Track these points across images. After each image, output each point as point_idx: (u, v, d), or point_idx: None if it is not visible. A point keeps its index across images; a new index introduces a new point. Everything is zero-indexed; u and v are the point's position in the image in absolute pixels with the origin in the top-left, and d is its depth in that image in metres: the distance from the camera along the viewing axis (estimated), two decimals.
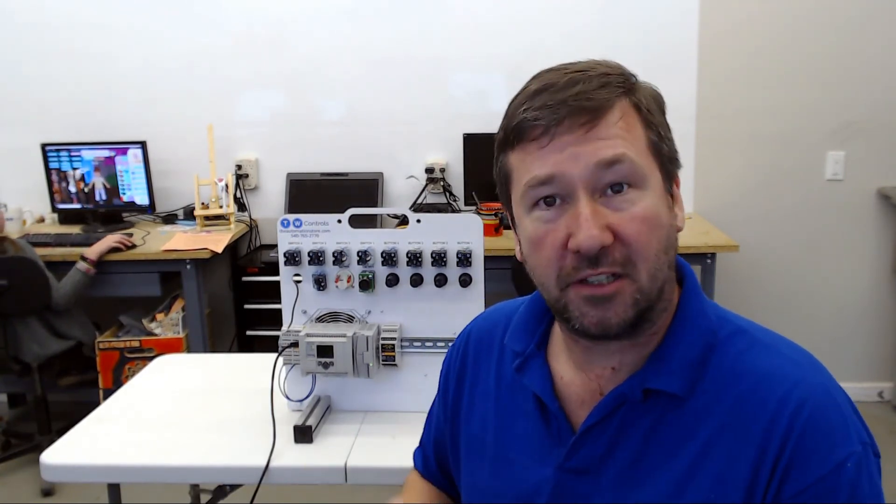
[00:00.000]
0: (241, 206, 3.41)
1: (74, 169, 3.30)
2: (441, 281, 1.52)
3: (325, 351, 1.49)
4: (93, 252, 2.88)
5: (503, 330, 0.90)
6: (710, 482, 0.71)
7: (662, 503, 0.73)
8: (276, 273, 1.58)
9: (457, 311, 1.53)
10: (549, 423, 0.81)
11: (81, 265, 2.86)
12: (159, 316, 3.16)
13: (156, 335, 3.11)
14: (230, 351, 3.46)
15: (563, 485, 0.78)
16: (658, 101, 0.75)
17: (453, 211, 3.26)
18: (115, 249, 2.92)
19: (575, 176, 0.69)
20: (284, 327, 1.56)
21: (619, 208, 0.69)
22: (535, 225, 0.73)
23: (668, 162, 0.74)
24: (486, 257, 1.53)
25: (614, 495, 0.76)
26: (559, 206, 0.71)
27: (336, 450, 1.45)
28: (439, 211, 3.22)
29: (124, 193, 3.32)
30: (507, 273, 2.74)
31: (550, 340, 0.85)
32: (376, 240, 1.53)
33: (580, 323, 0.72)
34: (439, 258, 1.51)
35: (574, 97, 0.69)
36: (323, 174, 3.38)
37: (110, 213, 3.37)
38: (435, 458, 1.03)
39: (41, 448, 1.72)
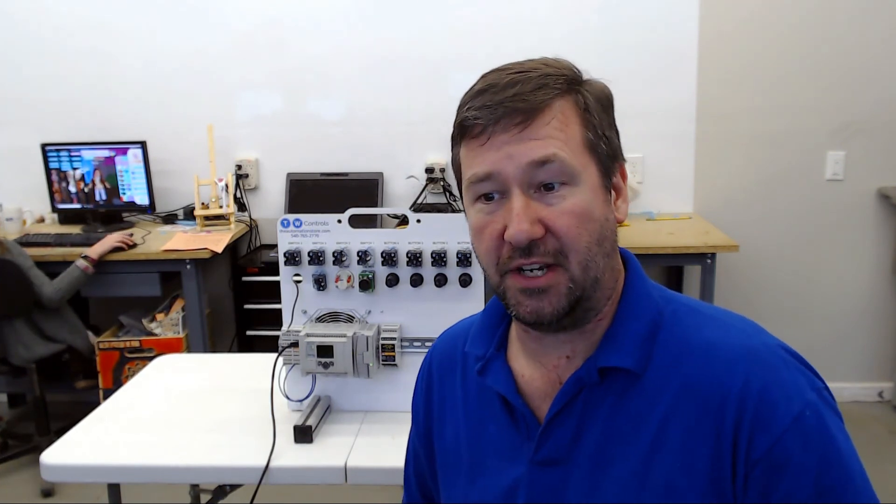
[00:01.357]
0: (241, 206, 3.41)
1: (74, 169, 3.30)
2: (441, 281, 1.52)
3: (325, 351, 1.49)
4: (95, 252, 2.88)
5: (463, 342, 0.92)
6: (674, 457, 0.73)
7: (631, 482, 0.75)
8: (276, 273, 1.58)
9: (457, 311, 1.51)
10: (516, 422, 0.83)
11: (81, 263, 2.86)
12: (159, 316, 3.16)
13: (156, 335, 3.11)
14: (230, 351, 3.46)
15: (537, 479, 0.80)
16: (602, 100, 0.79)
17: (453, 211, 3.26)
18: (117, 249, 2.92)
19: (510, 174, 0.74)
20: (284, 327, 1.56)
21: (550, 203, 0.74)
22: (477, 216, 0.78)
23: (605, 158, 0.78)
24: None
25: (586, 481, 0.77)
26: (498, 200, 0.76)
27: (336, 450, 1.45)
28: (439, 211, 3.22)
29: (124, 193, 3.32)
30: None
31: (509, 342, 0.88)
32: (376, 240, 1.54)
33: (517, 311, 0.77)
34: (439, 258, 1.51)
35: (510, 98, 0.74)
36: (323, 174, 3.38)
37: (110, 213, 3.37)
38: (419, 490, 1.03)
39: (40, 449, 1.72)
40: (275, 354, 1.57)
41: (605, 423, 0.77)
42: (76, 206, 3.35)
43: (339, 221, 1.54)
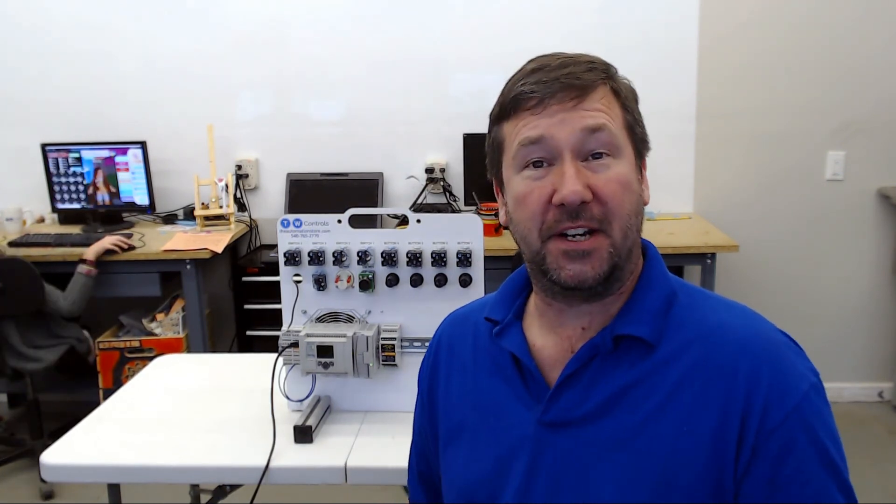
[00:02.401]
0: (241, 206, 3.41)
1: (74, 169, 3.30)
2: (441, 281, 1.52)
3: (325, 351, 1.49)
4: (90, 252, 2.88)
5: (478, 314, 0.96)
6: (678, 425, 0.76)
7: (635, 445, 0.77)
8: (276, 273, 1.58)
9: None
10: (527, 385, 0.86)
11: (82, 268, 2.86)
12: (159, 316, 3.17)
13: (156, 335, 3.11)
14: (230, 351, 3.46)
15: (543, 439, 0.82)
16: (633, 92, 0.85)
17: (453, 211, 3.26)
18: (111, 251, 2.92)
19: (562, 139, 0.78)
20: (284, 327, 1.56)
21: (597, 171, 0.79)
22: (524, 183, 0.81)
23: (639, 142, 0.84)
24: (486, 257, 1.53)
25: (592, 444, 0.80)
26: (546, 168, 0.80)
27: (336, 450, 1.45)
28: (439, 211, 3.22)
29: (124, 193, 3.32)
30: (507, 273, 2.73)
31: (525, 312, 0.91)
32: (376, 240, 1.54)
33: (557, 275, 0.79)
34: (439, 258, 1.51)
35: (566, 76, 0.79)
36: (323, 174, 3.38)
37: (110, 213, 3.37)
38: (422, 481, 1.04)
39: (35, 452, 1.72)
40: (275, 354, 1.57)
41: (614, 389, 0.80)
42: (76, 206, 3.35)
43: (339, 221, 1.54)
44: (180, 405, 1.67)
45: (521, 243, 0.83)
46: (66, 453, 1.47)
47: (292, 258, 1.55)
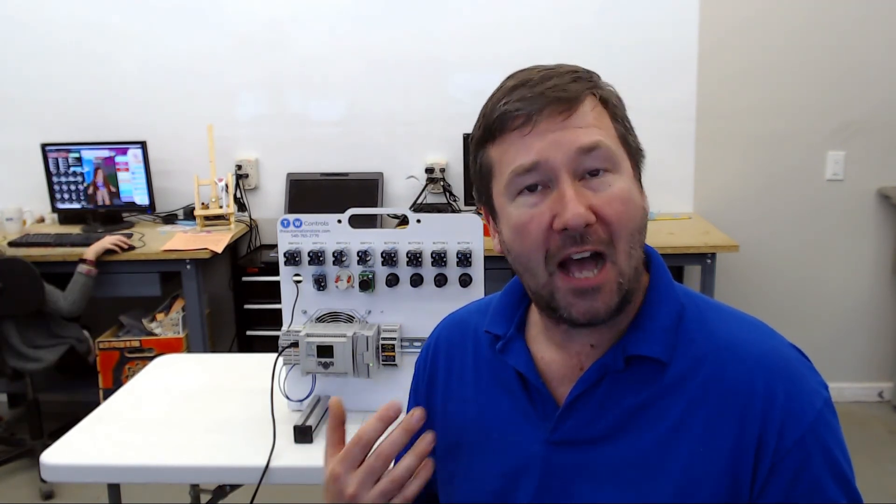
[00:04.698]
0: (241, 206, 3.41)
1: (74, 169, 3.30)
2: (441, 281, 1.52)
3: (325, 351, 1.49)
4: (90, 252, 2.88)
5: (477, 320, 0.93)
6: (695, 444, 0.75)
7: (648, 465, 0.76)
8: (276, 273, 1.58)
9: None
10: (533, 402, 0.83)
11: (82, 268, 2.86)
12: (159, 316, 3.17)
13: (156, 335, 3.11)
14: (230, 351, 3.46)
15: (553, 459, 0.80)
16: (619, 99, 0.81)
17: (453, 211, 3.26)
18: (111, 251, 2.92)
19: (558, 161, 0.74)
20: (284, 327, 1.56)
21: (598, 189, 0.74)
22: (519, 211, 0.76)
23: (635, 152, 0.80)
24: (486, 257, 1.53)
25: (602, 463, 0.78)
26: (542, 192, 0.75)
27: None
28: (439, 211, 3.22)
29: (124, 193, 3.32)
30: (506, 273, 2.73)
31: (527, 324, 0.88)
32: (376, 240, 1.54)
33: (568, 313, 0.76)
34: (439, 258, 1.51)
35: (551, 89, 0.74)
36: (323, 174, 3.38)
37: (110, 213, 3.37)
38: None
39: (35, 453, 1.72)
40: (275, 354, 1.57)
41: (625, 408, 0.78)
42: (76, 206, 3.35)
43: (339, 221, 1.54)
44: (180, 405, 1.67)
45: (525, 275, 0.79)
46: (66, 453, 1.47)
47: (292, 258, 1.55)
